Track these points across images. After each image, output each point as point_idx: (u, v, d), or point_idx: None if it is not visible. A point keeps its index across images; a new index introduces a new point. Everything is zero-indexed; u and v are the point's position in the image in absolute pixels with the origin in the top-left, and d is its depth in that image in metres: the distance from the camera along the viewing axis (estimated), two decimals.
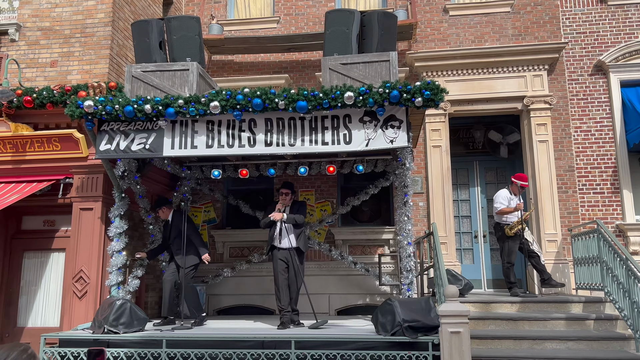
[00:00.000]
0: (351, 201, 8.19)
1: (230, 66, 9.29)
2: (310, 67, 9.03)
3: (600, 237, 6.40)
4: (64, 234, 7.09)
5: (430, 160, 8.44)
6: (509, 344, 5.83)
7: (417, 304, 5.33)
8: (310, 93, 5.69)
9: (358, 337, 5.29)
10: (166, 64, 6.45)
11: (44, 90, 6.74)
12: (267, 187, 8.84)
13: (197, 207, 8.87)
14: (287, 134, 5.90)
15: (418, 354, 5.01)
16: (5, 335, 7.01)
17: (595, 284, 6.62)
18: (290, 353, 5.16)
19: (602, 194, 8.24)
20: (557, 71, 8.50)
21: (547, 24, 8.66)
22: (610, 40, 8.57)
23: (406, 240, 6.22)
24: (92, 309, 6.41)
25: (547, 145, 8.22)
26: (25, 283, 7.20)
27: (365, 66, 6.10)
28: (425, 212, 8.42)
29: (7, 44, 7.50)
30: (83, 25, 7.38)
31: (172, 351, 5.33)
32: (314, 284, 7.85)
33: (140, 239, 7.54)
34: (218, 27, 9.01)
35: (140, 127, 6.11)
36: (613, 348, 5.71)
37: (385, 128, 5.78)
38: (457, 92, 8.44)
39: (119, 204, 6.53)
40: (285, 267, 6.32)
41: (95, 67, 7.24)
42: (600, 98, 8.47)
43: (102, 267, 6.62)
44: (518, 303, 6.52)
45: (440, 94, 5.63)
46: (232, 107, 5.81)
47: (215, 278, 8.34)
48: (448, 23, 8.90)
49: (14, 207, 6.68)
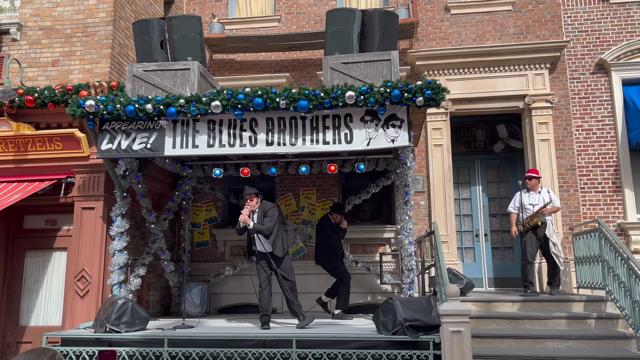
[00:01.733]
0: (352, 200, 8.20)
1: (232, 65, 9.30)
2: (311, 66, 9.03)
3: (601, 236, 6.39)
4: (65, 233, 7.10)
5: (432, 159, 8.44)
6: (510, 343, 5.83)
7: (418, 303, 5.33)
8: (312, 92, 5.69)
9: (359, 336, 5.30)
10: (167, 63, 6.46)
11: (45, 89, 6.75)
12: (268, 186, 8.84)
13: (199, 206, 8.88)
14: (289, 134, 5.90)
15: (419, 353, 5.01)
16: (7, 334, 7.04)
17: (597, 283, 6.61)
18: (292, 352, 5.17)
19: (604, 193, 8.23)
20: (558, 70, 8.48)
21: (549, 22, 8.65)
22: (612, 39, 8.55)
23: (407, 239, 6.23)
24: (94, 308, 6.43)
25: (549, 144, 8.21)
26: (27, 282, 7.22)
27: (367, 65, 6.09)
28: (426, 211, 8.43)
29: (8, 43, 7.50)
30: (84, 25, 7.38)
31: (173, 350, 5.34)
32: (315, 282, 7.86)
33: (142, 238, 7.55)
34: (219, 26, 9.01)
35: (141, 126, 6.11)
36: (614, 347, 5.70)
37: (387, 127, 5.78)
38: (459, 91, 8.43)
39: (120, 203, 6.54)
40: (264, 269, 6.24)
41: (96, 66, 7.24)
42: (601, 97, 8.45)
43: (104, 266, 6.63)
44: (519, 302, 6.52)
45: (442, 93, 5.63)
46: (233, 107, 5.82)
47: (216, 277, 8.36)
48: (449, 22, 8.89)
49: (15, 207, 6.70)
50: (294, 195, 8.76)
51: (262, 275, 6.23)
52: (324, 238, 7.11)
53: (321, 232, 7.18)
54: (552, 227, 7.16)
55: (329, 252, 7.05)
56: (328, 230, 7.11)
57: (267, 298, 6.17)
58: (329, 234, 7.08)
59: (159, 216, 7.72)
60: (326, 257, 7.09)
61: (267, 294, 6.18)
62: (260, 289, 6.21)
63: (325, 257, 7.10)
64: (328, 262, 7.09)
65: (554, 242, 7.06)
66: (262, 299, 6.16)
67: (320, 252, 7.15)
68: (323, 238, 7.13)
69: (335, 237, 7.09)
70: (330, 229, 7.10)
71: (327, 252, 7.06)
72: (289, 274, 6.29)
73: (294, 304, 6.16)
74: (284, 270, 6.27)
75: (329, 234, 7.08)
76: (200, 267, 8.63)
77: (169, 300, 8.34)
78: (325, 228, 7.15)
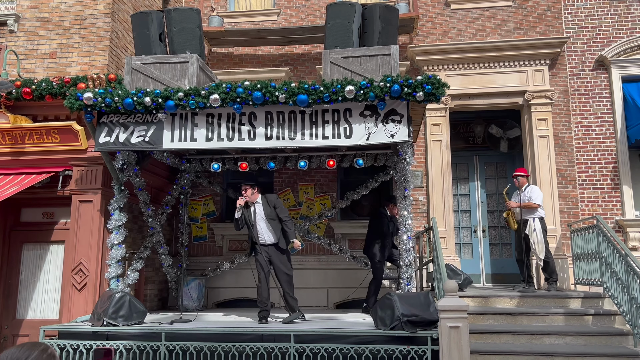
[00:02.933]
0: (351, 195, 8.19)
1: (231, 59, 9.25)
2: (310, 60, 8.99)
3: (599, 233, 6.40)
4: (63, 227, 7.08)
5: (431, 155, 8.43)
6: (507, 339, 5.84)
7: (416, 299, 5.34)
8: (311, 86, 5.66)
9: (357, 331, 5.30)
10: (166, 56, 6.41)
11: (43, 81, 6.70)
12: (267, 180, 8.82)
13: (197, 200, 8.86)
14: (288, 128, 5.88)
15: (417, 348, 5.01)
16: (4, 327, 7.02)
17: (594, 280, 6.62)
18: (290, 347, 5.17)
19: (602, 190, 8.23)
20: (558, 66, 8.47)
21: (549, 18, 8.62)
22: (612, 35, 8.53)
23: (406, 235, 6.21)
24: (91, 302, 6.41)
25: (548, 140, 8.20)
26: (25, 275, 7.20)
27: (367, 60, 6.06)
28: (425, 207, 8.42)
29: (5, 34, 7.45)
30: (82, 17, 7.33)
31: (171, 344, 5.34)
32: (313, 277, 7.87)
33: (139, 232, 7.53)
34: (218, 19, 8.96)
35: (139, 119, 6.08)
36: (611, 343, 5.71)
37: (386, 122, 5.76)
38: (458, 87, 8.41)
39: (118, 196, 6.52)
40: (264, 264, 6.25)
41: (94, 58, 7.20)
42: (601, 93, 8.44)
43: (102, 260, 6.61)
44: (517, 298, 6.52)
45: (442, 88, 5.60)
46: (232, 100, 5.78)
47: (214, 271, 8.35)
48: (450, 17, 8.86)
49: (13, 199, 6.66)
50: (292, 190, 8.74)
51: (262, 270, 6.23)
52: (380, 228, 7.05)
53: (376, 221, 7.14)
54: (535, 225, 6.96)
55: (382, 242, 7.02)
56: (384, 219, 7.09)
57: (266, 293, 6.17)
58: (385, 223, 7.06)
59: (157, 210, 7.69)
60: (376, 247, 7.03)
61: (266, 288, 6.18)
62: (260, 283, 6.21)
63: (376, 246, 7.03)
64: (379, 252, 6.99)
65: (533, 240, 6.93)
66: (262, 294, 6.16)
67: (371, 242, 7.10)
68: (378, 228, 7.07)
69: (392, 226, 7.07)
70: (386, 219, 7.10)
71: (382, 243, 7.01)
72: (288, 268, 6.31)
73: (291, 297, 6.16)
74: (283, 263, 6.29)
75: (386, 222, 7.06)
76: (198, 261, 8.61)
77: (167, 294, 8.33)
78: (382, 217, 7.12)
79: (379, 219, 7.13)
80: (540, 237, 6.92)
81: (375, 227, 7.13)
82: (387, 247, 7.07)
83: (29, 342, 1.83)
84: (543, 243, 6.92)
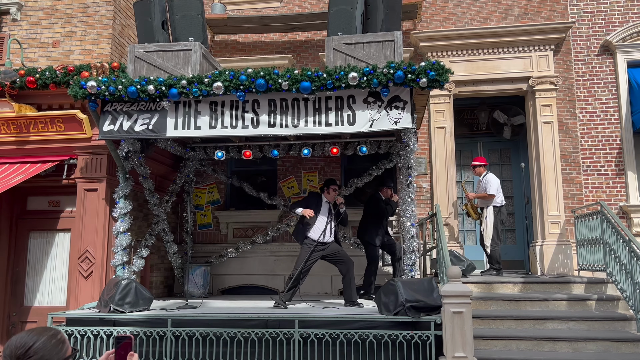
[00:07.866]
0: (354, 183, 8.20)
1: (233, 46, 9.22)
2: (313, 47, 8.95)
3: (603, 219, 6.40)
4: (69, 215, 7.13)
5: (434, 142, 8.41)
6: (510, 324, 5.88)
7: (420, 284, 5.36)
8: (314, 74, 5.65)
9: (361, 316, 5.35)
10: (169, 44, 6.41)
11: (46, 70, 6.71)
12: (270, 168, 8.85)
13: (201, 189, 8.90)
14: (291, 115, 5.87)
15: (420, 333, 5.05)
16: (12, 314, 7.11)
17: (598, 265, 6.64)
18: (294, 332, 5.22)
19: (607, 176, 8.21)
20: (563, 51, 8.40)
21: (554, 2, 8.53)
22: (617, 20, 8.44)
23: (409, 222, 6.23)
24: (97, 289, 6.48)
25: (552, 126, 8.17)
26: (32, 263, 7.27)
27: (370, 46, 6.03)
28: (428, 194, 8.42)
29: (8, 23, 7.45)
30: (85, 5, 7.31)
31: (177, 330, 5.40)
32: (317, 265, 7.89)
33: (144, 220, 7.58)
34: (221, 6, 8.91)
35: (143, 107, 6.09)
36: (614, 328, 5.75)
37: (390, 109, 5.75)
38: (462, 73, 8.36)
39: (123, 184, 6.55)
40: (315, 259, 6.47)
41: (97, 47, 7.19)
42: (606, 79, 8.38)
43: (107, 248, 6.67)
44: (520, 284, 6.56)
45: (445, 74, 5.58)
46: (235, 88, 5.78)
47: (219, 258, 8.41)
48: (453, 2, 8.78)
49: (18, 188, 6.71)
50: (296, 177, 8.75)
51: (312, 263, 6.43)
52: (375, 208, 7.07)
53: (371, 203, 7.16)
54: (487, 213, 7.25)
55: (377, 223, 7.04)
56: (380, 202, 7.10)
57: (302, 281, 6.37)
58: (381, 205, 7.07)
59: (162, 198, 7.74)
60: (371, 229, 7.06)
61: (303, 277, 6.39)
62: (302, 271, 6.32)
63: (370, 228, 7.07)
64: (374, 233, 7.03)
65: (483, 229, 7.26)
66: (300, 281, 6.30)
67: (365, 224, 7.16)
68: (373, 209, 7.09)
69: (389, 210, 7.09)
70: (382, 202, 7.11)
71: (376, 224, 7.04)
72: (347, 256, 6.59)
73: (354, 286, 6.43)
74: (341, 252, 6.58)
75: (382, 205, 7.07)
76: (203, 248, 8.67)
77: (172, 282, 8.40)
78: (377, 200, 7.13)
79: (374, 201, 7.16)
80: (490, 227, 7.21)
81: (370, 209, 7.16)
82: (381, 228, 7.09)
83: (39, 327, 1.85)
84: (490, 232, 7.19)
